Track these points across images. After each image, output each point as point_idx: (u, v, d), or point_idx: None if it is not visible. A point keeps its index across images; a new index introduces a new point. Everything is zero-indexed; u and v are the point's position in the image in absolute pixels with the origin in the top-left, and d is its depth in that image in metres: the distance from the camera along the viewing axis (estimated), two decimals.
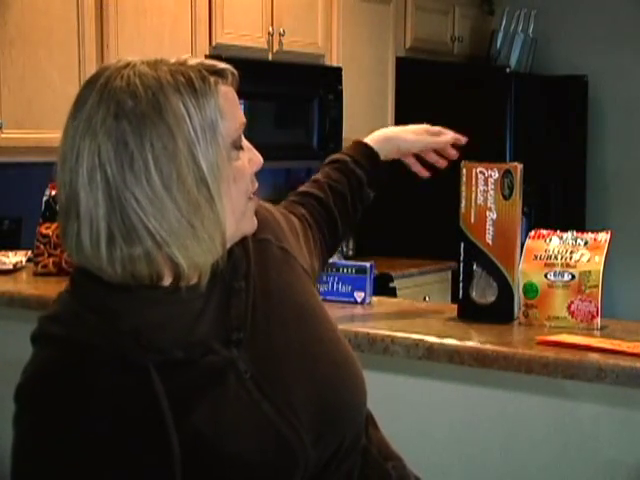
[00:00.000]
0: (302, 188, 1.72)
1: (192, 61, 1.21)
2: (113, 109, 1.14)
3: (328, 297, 2.06)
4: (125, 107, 1.14)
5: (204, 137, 1.17)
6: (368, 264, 2.10)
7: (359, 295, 2.08)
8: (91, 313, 1.18)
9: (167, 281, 1.19)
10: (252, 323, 1.27)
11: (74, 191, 1.15)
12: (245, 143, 1.27)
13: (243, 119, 1.26)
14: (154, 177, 1.13)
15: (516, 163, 1.94)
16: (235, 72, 1.26)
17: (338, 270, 2.08)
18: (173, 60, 1.21)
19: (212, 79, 1.20)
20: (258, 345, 1.26)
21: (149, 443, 1.15)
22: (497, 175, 1.91)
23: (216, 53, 3.76)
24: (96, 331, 1.17)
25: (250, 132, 1.31)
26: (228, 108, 1.21)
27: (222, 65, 1.24)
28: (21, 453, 1.17)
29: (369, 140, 1.83)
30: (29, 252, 2.78)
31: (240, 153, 1.24)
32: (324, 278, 2.07)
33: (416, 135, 1.87)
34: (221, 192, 1.18)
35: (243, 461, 1.19)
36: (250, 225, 1.29)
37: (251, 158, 1.27)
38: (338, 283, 2.09)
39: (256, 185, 1.28)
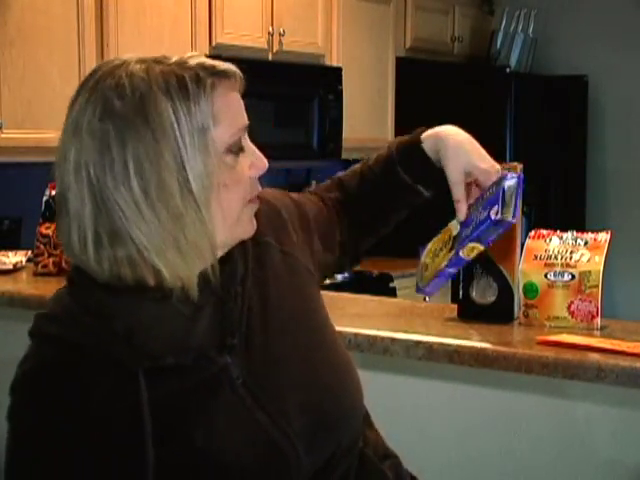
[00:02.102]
0: (341, 175, 1.59)
1: (193, 61, 1.17)
2: (99, 110, 1.12)
3: (474, 235, 1.52)
4: (112, 109, 1.12)
5: (192, 144, 1.13)
6: (508, 173, 1.54)
7: (493, 212, 1.50)
8: (86, 314, 1.17)
9: (151, 286, 1.16)
10: (247, 329, 1.25)
11: (64, 189, 1.15)
12: (249, 146, 1.22)
13: (244, 122, 1.21)
14: (133, 183, 1.11)
15: (516, 163, 1.94)
16: (238, 72, 1.21)
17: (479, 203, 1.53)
18: (174, 59, 1.17)
19: (209, 81, 1.16)
20: (252, 351, 1.24)
21: (126, 449, 1.15)
22: None
23: (216, 53, 3.76)
24: (90, 333, 1.16)
25: (250, 132, 1.26)
26: (225, 112, 1.17)
27: (224, 66, 1.19)
28: (14, 446, 1.18)
29: (442, 134, 1.53)
30: (29, 252, 2.78)
31: (239, 158, 1.20)
32: (472, 217, 1.54)
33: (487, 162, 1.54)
34: (210, 200, 1.15)
35: (234, 468, 1.18)
36: (245, 230, 1.25)
37: (253, 162, 1.23)
38: (480, 214, 1.53)
39: (258, 189, 1.24)
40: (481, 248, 1.54)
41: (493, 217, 1.50)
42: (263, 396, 1.22)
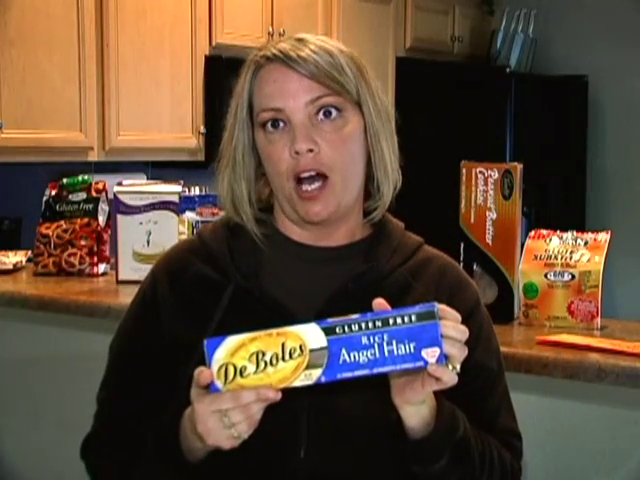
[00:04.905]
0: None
1: (275, 46, 1.34)
2: None
3: (379, 369, 1.14)
4: None
5: (240, 118, 1.33)
6: (435, 304, 1.16)
7: (432, 353, 1.14)
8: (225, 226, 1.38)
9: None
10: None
11: None
12: (292, 128, 1.28)
13: (272, 104, 1.29)
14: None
15: (516, 163, 1.95)
16: (280, 55, 1.31)
17: (386, 323, 1.14)
18: (280, 41, 1.36)
19: (256, 66, 1.34)
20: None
21: (192, 332, 1.28)
22: (497, 175, 1.91)
23: (216, 53, 3.76)
24: (217, 238, 1.36)
25: None
26: (257, 93, 1.32)
27: (271, 51, 1.33)
28: None
29: None
30: (29, 252, 2.78)
31: (279, 135, 1.29)
32: (363, 340, 1.14)
33: None
34: (246, 157, 1.33)
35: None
36: (304, 212, 1.31)
37: (291, 141, 1.29)
38: (390, 344, 1.14)
39: (299, 168, 1.29)
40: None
41: (430, 361, 1.14)
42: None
